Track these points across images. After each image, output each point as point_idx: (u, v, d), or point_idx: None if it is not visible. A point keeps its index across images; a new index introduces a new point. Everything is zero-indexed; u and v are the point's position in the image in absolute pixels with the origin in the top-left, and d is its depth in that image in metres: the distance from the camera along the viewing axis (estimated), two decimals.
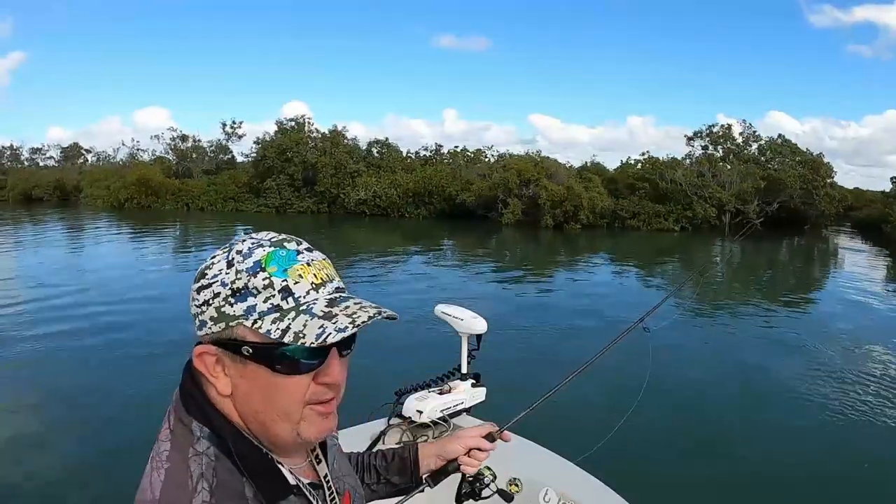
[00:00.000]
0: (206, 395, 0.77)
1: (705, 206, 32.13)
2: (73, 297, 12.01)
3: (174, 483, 0.72)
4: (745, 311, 12.88)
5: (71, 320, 9.96)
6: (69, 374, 7.30)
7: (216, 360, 0.75)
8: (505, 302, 12.60)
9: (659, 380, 7.55)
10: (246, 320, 0.72)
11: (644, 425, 5.73)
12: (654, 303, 2.05)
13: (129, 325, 9.74)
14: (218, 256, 0.76)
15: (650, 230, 31.27)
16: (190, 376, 0.79)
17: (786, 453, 5.56)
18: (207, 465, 0.73)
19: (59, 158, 51.07)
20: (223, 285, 0.73)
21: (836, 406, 6.89)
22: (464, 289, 14.04)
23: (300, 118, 39.07)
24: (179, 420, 0.77)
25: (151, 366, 7.27)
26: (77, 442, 5.44)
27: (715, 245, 28.04)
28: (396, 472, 1.22)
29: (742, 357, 9.03)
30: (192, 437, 0.75)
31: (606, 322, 10.46)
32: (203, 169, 43.78)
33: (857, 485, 5.06)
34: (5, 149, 51.07)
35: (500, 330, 8.85)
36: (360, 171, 35.77)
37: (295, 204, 36.83)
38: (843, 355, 9.05)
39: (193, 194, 39.76)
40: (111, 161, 50.49)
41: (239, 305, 0.72)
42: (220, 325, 0.73)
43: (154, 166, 43.67)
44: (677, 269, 20.59)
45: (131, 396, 6.39)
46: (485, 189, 31.78)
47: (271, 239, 0.77)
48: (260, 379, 0.74)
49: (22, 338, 8.87)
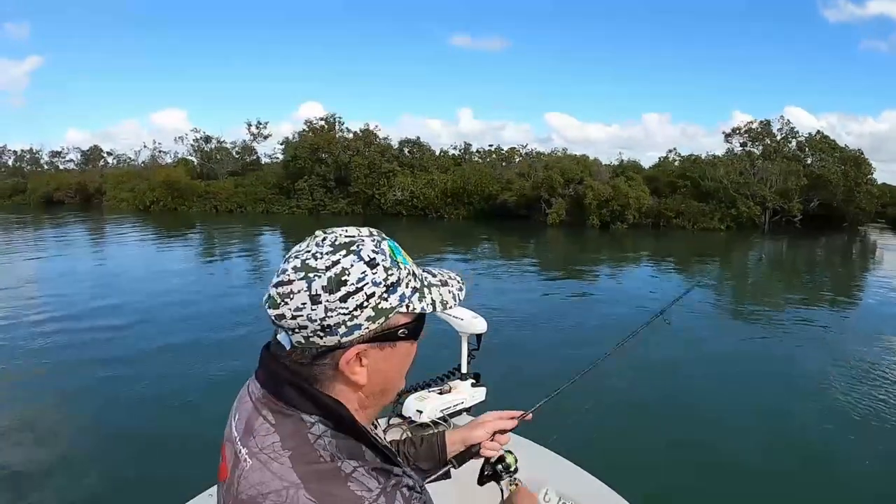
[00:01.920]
0: (316, 388, 0.80)
1: (749, 204, 31.60)
2: (118, 300, 11.74)
3: (307, 461, 0.75)
4: (781, 311, 12.43)
5: (117, 329, 9.47)
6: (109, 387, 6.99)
7: (356, 357, 0.79)
8: (531, 303, 12.04)
9: (670, 379, 7.51)
10: (401, 307, 0.79)
11: (645, 424, 5.81)
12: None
13: (182, 329, 9.46)
14: (346, 260, 0.76)
15: (696, 229, 30.69)
16: (285, 369, 0.81)
17: (799, 454, 5.36)
18: (330, 442, 0.77)
19: (79, 161, 50.42)
20: (376, 284, 0.77)
21: (864, 408, 6.52)
22: (499, 291, 13.32)
23: (330, 117, 38.47)
24: (280, 413, 0.79)
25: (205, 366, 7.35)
26: (103, 448, 5.35)
27: (756, 243, 27.52)
28: (425, 457, 1.27)
29: (764, 358, 8.68)
30: (305, 425, 0.78)
31: (631, 320, 10.05)
32: (228, 170, 43.11)
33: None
34: (25, 152, 50.52)
35: (505, 329, 9.00)
36: (395, 171, 35.10)
37: (328, 205, 36.14)
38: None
39: (221, 196, 39.07)
40: (132, 163, 49.88)
41: (393, 297, 0.78)
42: (378, 321, 0.78)
43: (178, 168, 43.04)
44: (732, 269, 20.01)
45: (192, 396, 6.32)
46: (527, 188, 31.17)
47: (372, 233, 0.82)
48: (401, 353, 0.83)
49: (68, 344, 8.52)
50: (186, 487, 2.08)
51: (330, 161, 36.13)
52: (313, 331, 0.76)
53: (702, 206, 31.49)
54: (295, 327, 0.76)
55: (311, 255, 0.77)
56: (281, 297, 0.76)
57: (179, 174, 41.02)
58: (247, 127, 44.29)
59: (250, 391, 0.86)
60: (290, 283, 0.76)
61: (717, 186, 32.12)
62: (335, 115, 38.56)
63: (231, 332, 9.12)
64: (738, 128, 36.32)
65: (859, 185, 33.67)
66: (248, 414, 0.83)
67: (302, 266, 0.76)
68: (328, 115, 38.46)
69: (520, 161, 38.61)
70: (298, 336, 0.77)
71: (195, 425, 5.35)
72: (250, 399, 0.85)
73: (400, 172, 35.19)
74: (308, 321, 0.75)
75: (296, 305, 0.75)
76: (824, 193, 33.27)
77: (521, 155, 39.47)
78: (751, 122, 36.43)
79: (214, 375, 7.01)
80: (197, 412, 5.84)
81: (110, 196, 43.67)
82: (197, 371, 7.28)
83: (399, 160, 36.68)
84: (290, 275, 0.76)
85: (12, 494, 4.54)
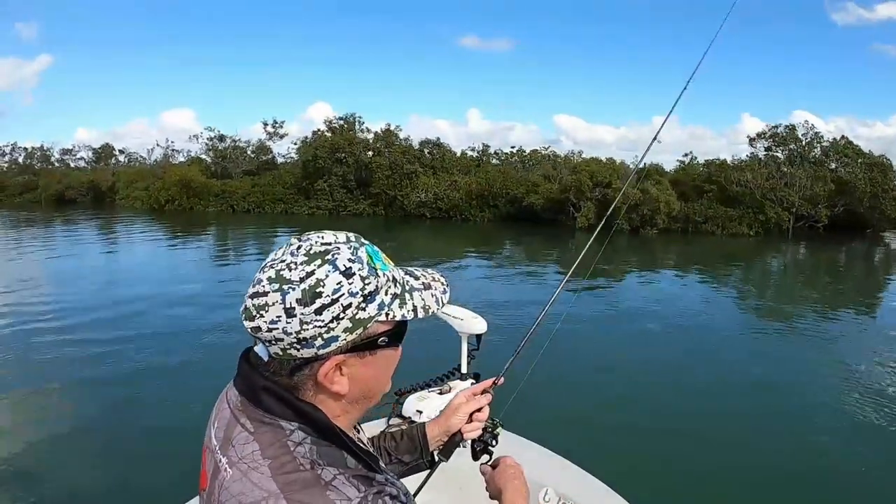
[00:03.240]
0: (295, 396, 0.79)
1: (777, 209, 31.31)
2: (127, 300, 11.53)
3: (287, 471, 0.73)
4: (801, 317, 12.13)
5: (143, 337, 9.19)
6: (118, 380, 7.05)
7: (335, 368, 0.78)
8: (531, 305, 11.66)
9: (675, 380, 7.46)
10: (380, 316, 0.77)
11: (646, 424, 5.80)
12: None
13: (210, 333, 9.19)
14: (318, 271, 0.74)
15: (725, 235, 30.36)
16: (264, 379, 0.79)
17: (804, 457, 5.33)
18: (311, 449, 0.76)
19: (89, 159, 49.75)
20: (353, 295, 0.75)
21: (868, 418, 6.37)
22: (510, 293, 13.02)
23: (350, 116, 38.01)
24: (259, 421, 0.78)
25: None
26: (105, 451, 5.32)
27: (788, 249, 27.21)
28: (406, 451, 1.26)
29: (774, 360, 8.59)
30: (284, 432, 0.77)
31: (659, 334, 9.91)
32: (243, 170, 42.59)
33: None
34: (35, 150, 49.88)
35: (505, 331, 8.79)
36: (417, 172, 34.65)
37: (349, 206, 35.67)
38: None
39: (238, 196, 38.56)
40: (143, 162, 49.30)
41: (371, 306, 0.76)
42: (356, 331, 0.76)
43: (192, 167, 42.50)
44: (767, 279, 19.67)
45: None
46: (554, 192, 30.77)
47: (350, 238, 0.80)
48: (384, 359, 0.82)
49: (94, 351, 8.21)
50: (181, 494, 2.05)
51: (351, 161, 35.65)
52: (290, 343, 0.74)
53: (729, 212, 31.16)
54: (271, 339, 0.75)
55: (285, 266, 0.75)
56: (256, 309, 0.74)
57: (194, 173, 40.49)
58: (263, 126, 43.87)
59: (228, 399, 0.84)
60: (265, 294, 0.74)
61: (744, 191, 31.81)
62: (355, 115, 38.15)
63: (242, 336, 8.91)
64: (762, 132, 36.05)
65: (886, 192, 33.42)
66: (227, 422, 0.82)
67: (276, 277, 0.74)
68: (348, 115, 38.05)
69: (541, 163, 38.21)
70: (275, 348, 0.76)
71: (185, 432, 5.41)
72: (228, 406, 0.83)
73: (422, 174, 34.74)
74: (284, 334, 0.74)
75: (271, 318, 0.73)
76: (849, 199, 33.04)
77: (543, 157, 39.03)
78: (775, 127, 36.17)
79: (216, 381, 6.84)
80: (190, 417, 5.78)
81: (123, 195, 43.11)
82: (198, 375, 7.14)
83: (420, 161, 36.23)
84: (264, 286, 0.74)
85: (7, 495, 4.54)
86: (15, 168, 49.14)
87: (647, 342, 9.39)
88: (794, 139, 35.65)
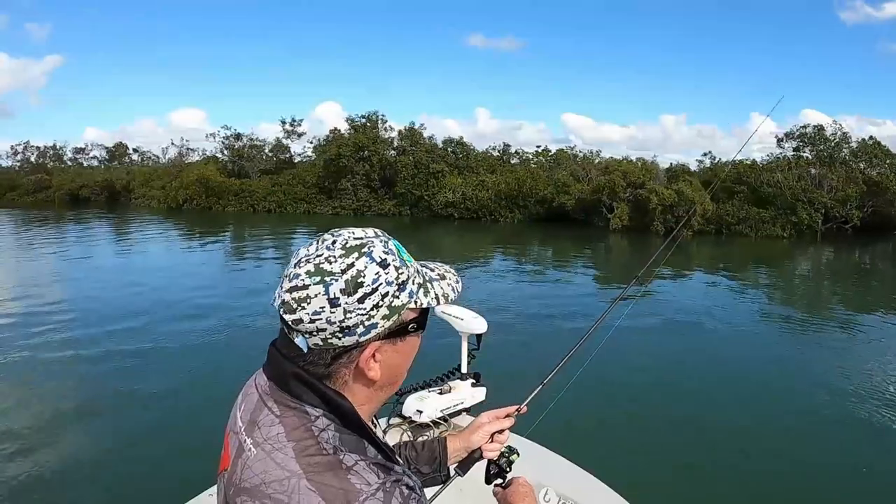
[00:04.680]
0: (324, 384, 0.81)
1: (810, 210, 30.96)
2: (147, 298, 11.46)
3: (310, 453, 0.76)
4: (826, 321, 11.76)
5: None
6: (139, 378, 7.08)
7: (371, 355, 0.81)
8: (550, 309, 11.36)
9: (678, 380, 7.36)
10: (410, 303, 0.81)
11: (646, 424, 5.76)
12: None
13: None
14: (360, 262, 0.78)
15: (759, 237, 29.98)
16: (294, 366, 0.81)
17: (808, 460, 5.27)
18: (334, 436, 0.78)
19: (102, 158, 49.04)
20: (389, 284, 0.79)
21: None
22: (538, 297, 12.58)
23: (373, 115, 37.42)
24: (285, 405, 0.81)
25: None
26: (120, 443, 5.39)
27: (828, 251, 26.82)
28: (426, 461, 1.28)
29: (780, 362, 8.44)
30: (309, 417, 0.79)
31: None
32: (260, 169, 42.00)
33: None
34: (48, 148, 49.05)
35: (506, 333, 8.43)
36: (444, 172, 34.12)
37: (374, 205, 35.12)
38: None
39: (258, 195, 37.97)
40: (156, 161, 48.63)
41: (403, 294, 0.80)
42: (392, 318, 0.80)
43: (209, 166, 41.88)
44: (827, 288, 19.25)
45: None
46: (586, 192, 30.31)
47: (378, 233, 0.83)
48: (410, 345, 0.86)
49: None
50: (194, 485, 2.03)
51: (375, 160, 35.10)
52: (332, 332, 0.78)
53: (762, 213, 30.78)
54: (313, 330, 0.78)
55: (324, 259, 0.78)
56: (297, 302, 0.77)
57: (212, 172, 39.87)
58: (280, 124, 43.21)
59: (257, 383, 0.87)
60: (305, 287, 0.77)
61: (776, 192, 31.44)
62: (377, 113, 37.52)
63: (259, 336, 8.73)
64: (791, 132, 35.75)
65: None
66: (254, 405, 0.84)
67: (316, 270, 0.77)
68: (370, 113, 37.42)
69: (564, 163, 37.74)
70: (316, 339, 0.79)
71: (201, 422, 5.33)
72: (257, 391, 0.86)
73: (449, 173, 34.23)
74: (327, 324, 0.77)
75: (314, 309, 0.77)
76: (878, 200, 32.75)
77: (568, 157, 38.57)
78: (804, 127, 35.86)
79: (232, 375, 6.62)
80: (206, 410, 5.69)
81: (139, 194, 42.50)
82: (215, 369, 7.31)
83: (444, 160, 35.70)
84: (303, 279, 0.77)
85: (15, 492, 4.54)
86: (27, 167, 48.38)
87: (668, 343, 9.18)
88: (823, 139, 35.37)
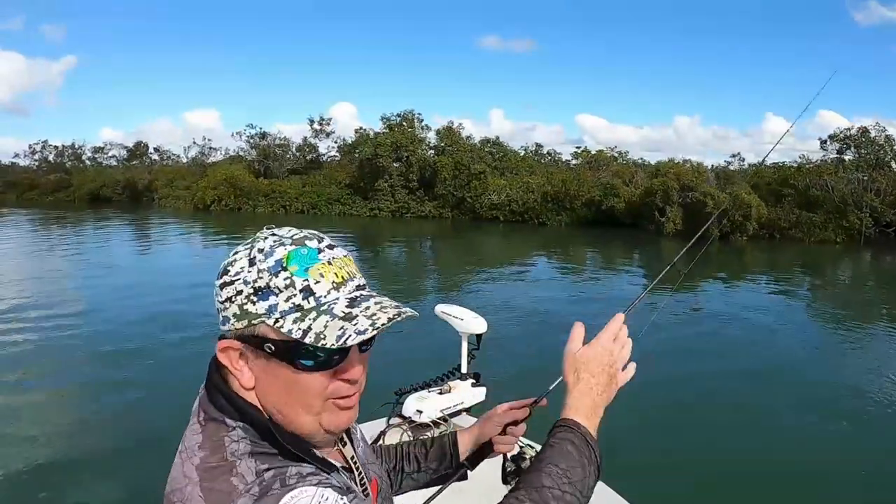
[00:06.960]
0: (232, 389, 0.79)
1: (861, 215, 30.39)
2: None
3: (210, 463, 0.75)
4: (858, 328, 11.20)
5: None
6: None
7: (240, 355, 0.77)
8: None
9: (682, 382, 7.26)
10: (268, 319, 0.73)
11: (647, 424, 5.63)
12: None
13: None
14: (240, 253, 0.76)
15: (812, 242, 29.36)
16: (216, 371, 0.81)
17: (811, 462, 5.20)
18: (244, 449, 0.76)
19: (121, 157, 47.87)
20: (245, 283, 0.74)
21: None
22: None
23: (409, 114, 36.48)
24: (208, 414, 0.79)
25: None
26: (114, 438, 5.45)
27: (879, 255, 26.17)
28: (435, 458, 1.22)
29: (789, 368, 8.29)
30: (226, 428, 0.77)
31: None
32: (288, 168, 41.05)
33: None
34: (66, 147, 47.78)
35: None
36: (486, 172, 33.25)
37: (413, 207, 34.17)
38: None
39: (289, 195, 37.01)
40: (177, 160, 47.55)
41: (261, 304, 0.73)
42: (242, 322, 0.75)
43: (236, 165, 40.91)
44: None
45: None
46: (637, 195, 29.59)
47: (293, 236, 0.77)
48: (281, 375, 0.77)
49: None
50: None
51: (413, 160, 34.21)
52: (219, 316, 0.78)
53: (813, 217, 30.17)
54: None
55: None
56: None
57: (240, 172, 38.90)
58: (308, 123, 42.26)
59: (199, 393, 0.85)
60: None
61: (824, 196, 30.85)
62: (413, 112, 36.59)
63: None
64: (834, 134, 35.15)
65: None
66: (192, 413, 0.84)
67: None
68: (406, 112, 36.48)
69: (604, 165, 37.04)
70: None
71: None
72: (198, 398, 0.85)
73: (491, 174, 33.38)
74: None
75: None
76: None
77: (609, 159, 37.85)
78: (848, 129, 35.30)
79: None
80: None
81: (164, 194, 41.44)
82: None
83: (484, 160, 34.83)
84: None
85: (16, 490, 4.52)
86: (45, 167, 47.17)
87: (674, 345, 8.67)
88: (869, 142, 34.83)
